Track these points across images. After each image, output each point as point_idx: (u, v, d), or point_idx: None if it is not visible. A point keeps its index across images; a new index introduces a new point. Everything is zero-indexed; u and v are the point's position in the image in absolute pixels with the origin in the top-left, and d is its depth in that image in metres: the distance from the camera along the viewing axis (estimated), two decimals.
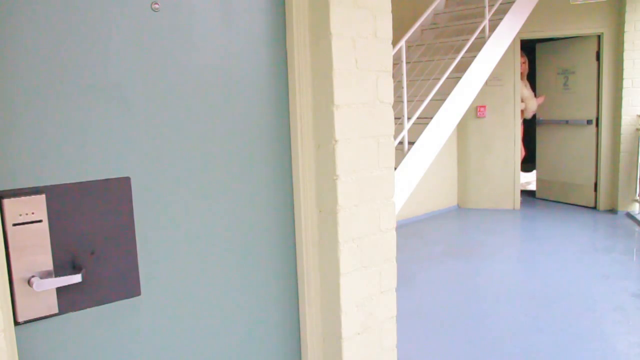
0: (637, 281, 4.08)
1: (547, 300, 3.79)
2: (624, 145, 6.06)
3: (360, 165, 1.62)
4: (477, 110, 6.57)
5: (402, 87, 4.03)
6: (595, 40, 6.25)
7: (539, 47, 6.89)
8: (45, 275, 1.19)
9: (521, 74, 6.54)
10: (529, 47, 6.88)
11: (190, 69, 1.41)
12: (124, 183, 1.31)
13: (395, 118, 2.64)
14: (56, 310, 1.22)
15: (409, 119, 4.06)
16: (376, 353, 1.73)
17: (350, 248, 1.61)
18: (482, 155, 6.68)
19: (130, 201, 1.32)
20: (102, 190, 1.28)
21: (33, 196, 1.17)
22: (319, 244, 1.64)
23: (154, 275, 1.38)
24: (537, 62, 6.98)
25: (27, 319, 1.18)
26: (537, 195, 7.17)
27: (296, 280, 1.68)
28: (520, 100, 6.57)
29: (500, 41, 4.88)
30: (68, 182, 1.23)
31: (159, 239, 1.38)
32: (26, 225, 1.17)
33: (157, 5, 1.34)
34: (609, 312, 3.54)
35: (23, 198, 1.16)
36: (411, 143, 4.10)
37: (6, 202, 1.14)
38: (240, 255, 1.54)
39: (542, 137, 7.05)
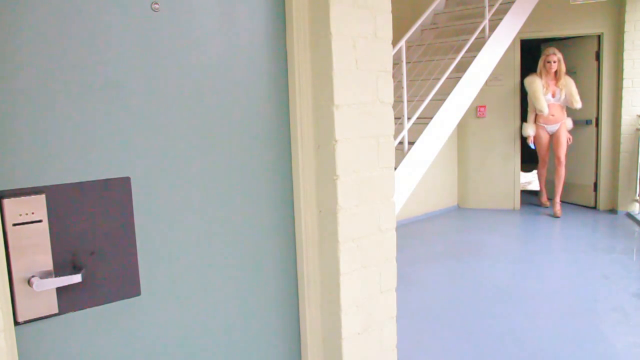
0: (637, 281, 4.08)
1: (547, 300, 3.79)
2: (624, 145, 6.06)
3: (360, 165, 1.62)
4: (477, 110, 6.56)
5: (402, 87, 4.03)
6: (595, 40, 6.25)
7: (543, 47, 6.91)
8: (45, 275, 1.19)
9: (556, 72, 5.98)
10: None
11: (190, 69, 1.41)
12: (124, 183, 1.31)
13: (395, 118, 2.64)
14: (56, 310, 1.22)
15: (409, 119, 4.06)
16: (376, 353, 1.73)
17: (350, 248, 1.61)
18: (482, 155, 6.67)
19: (130, 201, 1.32)
20: (102, 190, 1.28)
21: (33, 196, 1.17)
22: (319, 244, 1.64)
23: (154, 275, 1.38)
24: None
25: (27, 319, 1.18)
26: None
27: (296, 280, 1.68)
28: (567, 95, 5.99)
29: (500, 41, 4.88)
30: (68, 182, 1.23)
31: (159, 239, 1.38)
32: (26, 225, 1.17)
33: (157, 5, 1.34)
34: (609, 312, 3.54)
35: (23, 198, 1.16)
36: (411, 143, 4.10)
37: (6, 202, 1.14)
38: (240, 255, 1.54)
39: None
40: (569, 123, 6.21)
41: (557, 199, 6.23)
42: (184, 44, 1.40)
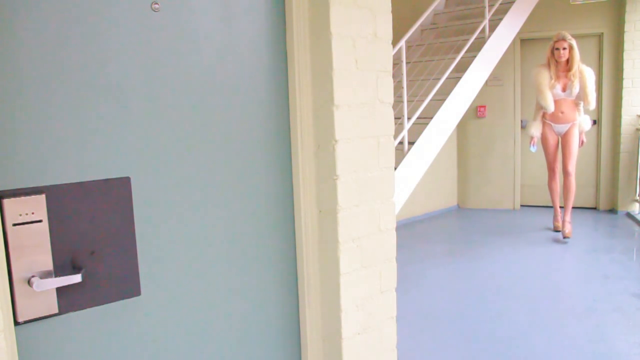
0: (637, 281, 4.08)
1: (547, 300, 3.79)
2: (624, 145, 6.06)
3: (360, 165, 1.62)
4: (477, 110, 6.57)
5: (402, 87, 4.03)
6: (596, 40, 6.26)
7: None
8: (45, 275, 1.19)
9: (569, 61, 4.96)
10: None
11: (190, 69, 1.41)
12: (124, 183, 1.31)
13: (395, 118, 2.64)
14: (56, 310, 1.22)
15: (409, 119, 4.07)
16: (376, 353, 1.73)
17: (350, 248, 1.61)
18: (482, 155, 6.67)
19: (130, 201, 1.32)
20: (102, 190, 1.28)
21: (33, 196, 1.17)
22: (319, 244, 1.64)
23: (154, 275, 1.38)
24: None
25: (27, 319, 1.18)
26: (521, 202, 6.71)
27: (296, 280, 1.68)
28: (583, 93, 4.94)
29: (500, 41, 4.88)
30: (68, 182, 1.23)
31: (159, 239, 1.38)
32: (26, 225, 1.17)
33: (157, 5, 1.34)
34: (609, 312, 3.54)
35: (23, 198, 1.16)
36: (411, 143, 4.10)
37: (6, 202, 1.14)
38: (240, 255, 1.54)
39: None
40: (586, 124, 5.21)
41: (567, 218, 5.24)
42: (184, 44, 1.40)
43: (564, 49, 4.91)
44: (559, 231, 5.35)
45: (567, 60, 4.95)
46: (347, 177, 1.58)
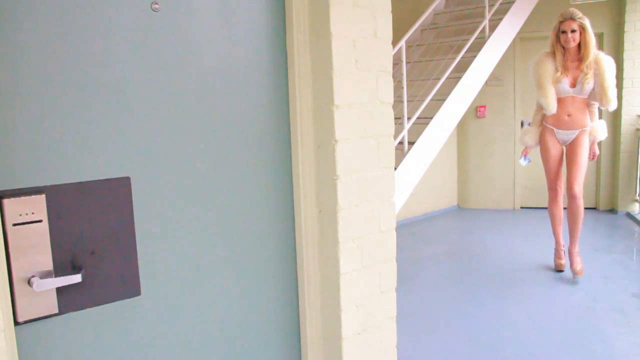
0: (637, 281, 4.08)
1: (547, 300, 3.79)
2: (624, 145, 6.06)
3: (360, 165, 1.62)
4: (477, 110, 6.57)
5: (402, 87, 4.03)
6: (595, 40, 6.25)
7: None
8: (45, 275, 1.19)
9: (580, 46, 3.77)
10: None
11: (190, 69, 1.41)
12: (124, 183, 1.31)
13: (395, 118, 2.64)
14: (56, 310, 1.22)
15: (409, 119, 4.07)
16: (376, 353, 1.73)
17: (350, 248, 1.61)
18: (482, 155, 6.68)
19: (130, 201, 1.32)
20: (102, 190, 1.28)
21: (33, 196, 1.17)
22: (319, 244, 1.64)
23: (154, 275, 1.38)
24: None
25: (27, 319, 1.18)
26: (521, 204, 6.66)
27: (296, 280, 1.68)
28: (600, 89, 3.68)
29: (500, 41, 4.88)
30: (68, 182, 1.23)
31: (159, 239, 1.38)
32: (26, 225, 1.17)
33: (157, 5, 1.34)
34: (609, 312, 3.54)
35: (23, 198, 1.16)
36: (411, 143, 4.11)
37: (6, 202, 1.14)
38: (240, 255, 1.54)
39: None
40: (601, 131, 3.95)
41: (575, 249, 4.08)
42: (184, 44, 1.40)
43: (573, 31, 3.69)
44: (561, 271, 4.17)
45: (579, 47, 3.74)
46: (347, 177, 1.58)
